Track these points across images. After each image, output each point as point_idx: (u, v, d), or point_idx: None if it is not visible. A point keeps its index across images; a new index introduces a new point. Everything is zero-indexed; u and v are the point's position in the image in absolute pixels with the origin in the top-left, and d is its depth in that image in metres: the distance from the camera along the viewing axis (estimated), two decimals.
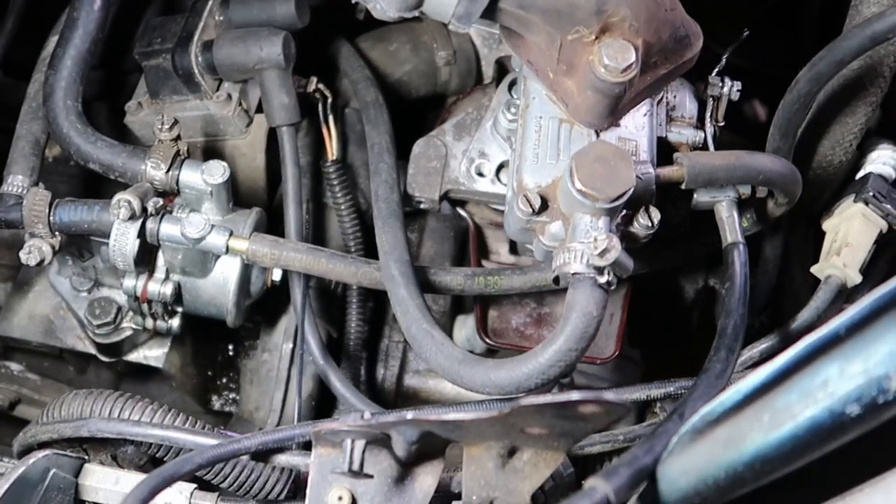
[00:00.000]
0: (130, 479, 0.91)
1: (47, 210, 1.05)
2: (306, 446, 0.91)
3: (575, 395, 0.65)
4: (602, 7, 0.85)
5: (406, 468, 0.83)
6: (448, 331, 1.42)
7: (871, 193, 1.01)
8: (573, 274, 0.86)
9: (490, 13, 0.86)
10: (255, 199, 1.34)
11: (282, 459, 0.87)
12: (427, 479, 0.84)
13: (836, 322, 0.59)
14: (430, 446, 0.82)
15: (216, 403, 1.41)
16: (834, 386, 0.59)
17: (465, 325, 1.39)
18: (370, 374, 1.37)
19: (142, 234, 1.05)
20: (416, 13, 0.85)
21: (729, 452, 0.64)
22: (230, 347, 1.42)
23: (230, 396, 1.42)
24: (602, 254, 0.84)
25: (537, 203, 0.92)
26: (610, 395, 0.65)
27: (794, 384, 0.61)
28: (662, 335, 1.46)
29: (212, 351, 1.41)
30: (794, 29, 1.35)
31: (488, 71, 1.47)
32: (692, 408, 0.75)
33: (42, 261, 1.05)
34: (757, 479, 0.64)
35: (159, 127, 1.10)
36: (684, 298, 1.39)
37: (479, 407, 0.97)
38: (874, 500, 0.66)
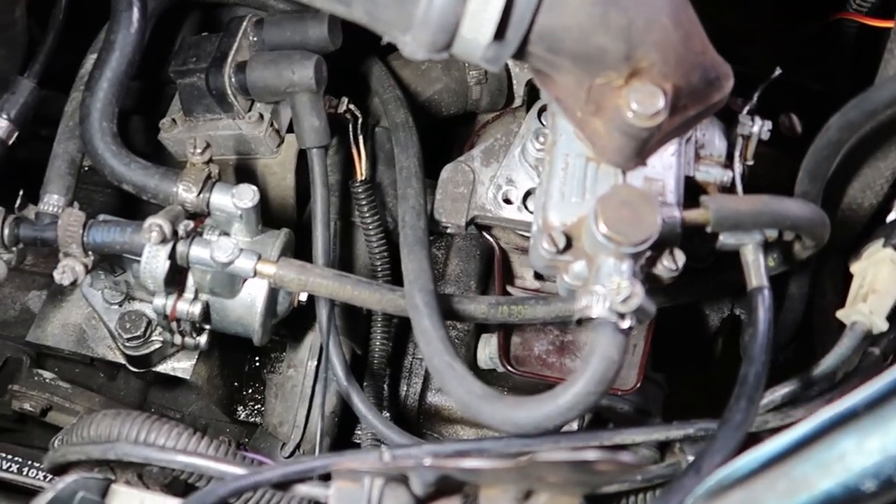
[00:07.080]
0: (155, 501, 0.94)
1: (81, 231, 1.07)
2: (328, 476, 0.93)
3: (591, 455, 0.66)
4: (632, 53, 0.85)
5: None
6: (472, 349, 1.43)
7: None
8: (594, 318, 0.87)
9: (520, 55, 0.86)
10: (285, 216, 1.36)
11: (303, 490, 0.88)
12: None
13: (855, 397, 0.60)
14: (447, 485, 0.83)
15: (242, 414, 1.44)
16: (851, 460, 0.59)
17: (490, 344, 1.39)
18: (393, 392, 1.39)
19: (172, 256, 1.07)
20: (446, 55, 0.84)
21: None
22: (256, 359, 1.44)
23: (256, 407, 1.44)
24: (625, 301, 0.85)
25: (562, 242, 0.93)
26: (627, 457, 0.65)
27: (810, 455, 0.61)
28: (686, 361, 1.46)
29: (239, 363, 1.43)
30: (830, 52, 1.33)
31: (519, 90, 1.47)
32: (710, 462, 0.75)
33: (75, 280, 1.08)
34: None
35: (192, 150, 1.11)
36: (709, 326, 1.39)
37: (497, 444, 0.97)
38: None
